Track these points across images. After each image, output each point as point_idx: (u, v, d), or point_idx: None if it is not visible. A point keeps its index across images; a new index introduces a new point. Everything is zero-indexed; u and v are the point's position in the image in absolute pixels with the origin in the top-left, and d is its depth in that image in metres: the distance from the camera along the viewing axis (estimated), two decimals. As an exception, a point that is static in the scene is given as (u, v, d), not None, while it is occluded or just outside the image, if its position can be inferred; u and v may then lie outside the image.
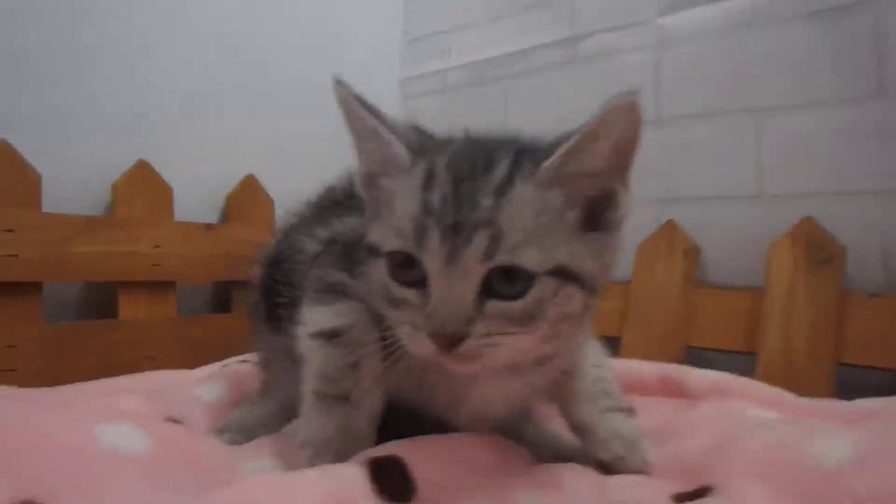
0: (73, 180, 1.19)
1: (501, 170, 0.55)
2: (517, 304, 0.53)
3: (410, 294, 0.55)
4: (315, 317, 0.67)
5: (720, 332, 1.21)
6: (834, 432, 0.65)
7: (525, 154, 0.57)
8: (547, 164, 0.54)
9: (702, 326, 1.24)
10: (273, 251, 0.88)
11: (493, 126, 0.69)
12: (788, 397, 0.89)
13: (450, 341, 0.52)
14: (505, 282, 0.53)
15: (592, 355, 0.74)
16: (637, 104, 0.53)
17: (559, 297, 0.54)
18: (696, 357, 1.23)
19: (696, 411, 0.77)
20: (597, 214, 0.57)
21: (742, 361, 1.17)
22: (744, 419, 0.75)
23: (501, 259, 0.52)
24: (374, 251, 0.59)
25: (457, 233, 0.52)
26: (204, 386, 0.95)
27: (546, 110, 1.49)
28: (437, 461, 0.59)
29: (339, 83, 0.60)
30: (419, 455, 0.58)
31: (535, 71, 1.54)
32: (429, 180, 0.55)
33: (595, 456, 0.67)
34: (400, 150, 0.59)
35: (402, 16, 1.82)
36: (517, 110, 1.56)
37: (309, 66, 1.44)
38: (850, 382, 1.09)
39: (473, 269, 0.52)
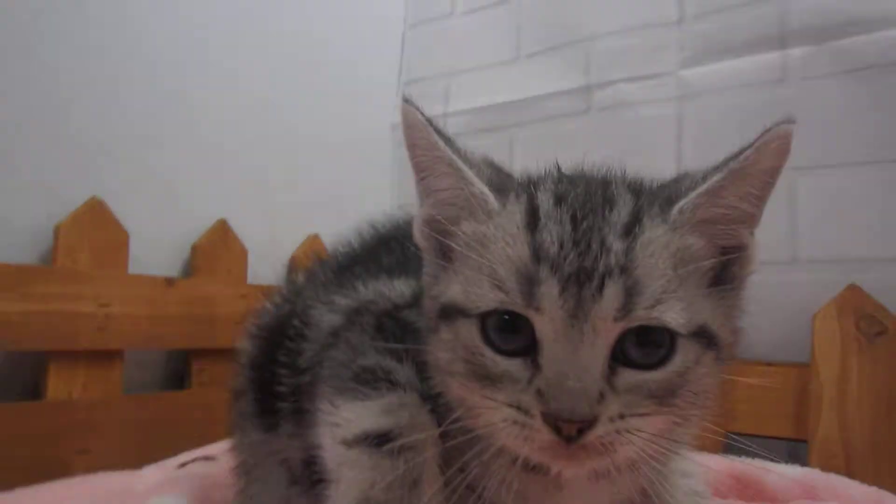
0: (13, 221, 0.95)
1: (626, 207, 0.46)
2: (656, 375, 0.43)
3: (514, 365, 0.43)
4: (350, 415, 0.50)
5: (762, 416, 1.08)
6: None
7: (645, 193, 0.49)
8: (684, 203, 0.46)
9: (741, 409, 1.11)
10: (272, 321, 0.69)
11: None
12: (889, 498, 0.76)
13: (574, 428, 0.40)
14: (640, 346, 0.43)
15: (680, 460, 0.58)
16: (791, 134, 0.46)
17: (701, 367, 0.44)
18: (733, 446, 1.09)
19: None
20: (726, 268, 0.48)
21: (789, 449, 1.05)
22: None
23: (640, 315, 0.42)
24: (453, 313, 0.46)
25: (582, 283, 0.42)
26: (156, 500, 0.74)
27: (555, 161, 1.37)
28: None
29: (407, 102, 0.49)
30: None
31: (545, 120, 1.42)
32: (534, 220, 0.45)
33: None
34: (483, 189, 0.48)
35: (400, 56, 1.66)
36: (524, 161, 1.42)
37: (297, 106, 1.27)
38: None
39: (605, 329, 0.42)
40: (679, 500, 0.56)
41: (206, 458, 0.93)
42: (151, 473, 0.89)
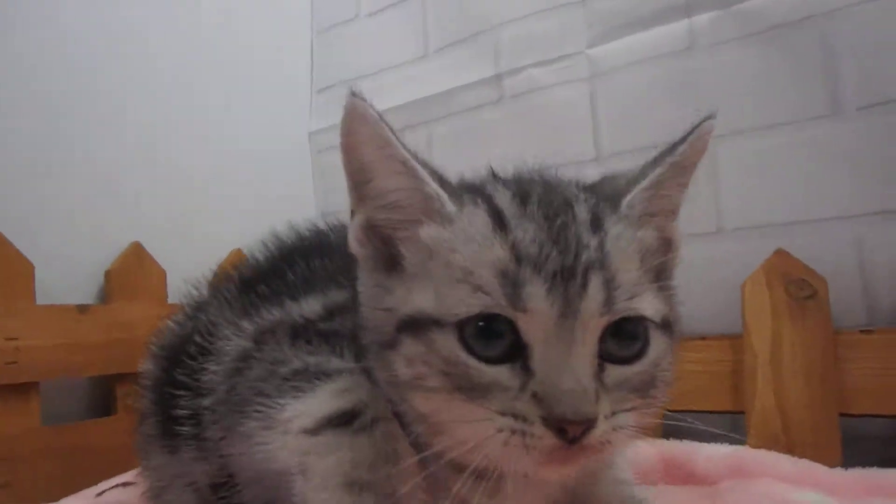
0: None
1: (586, 204, 0.47)
2: (636, 368, 0.44)
3: (502, 373, 0.42)
4: (302, 406, 0.47)
5: (700, 392, 1.05)
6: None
7: (594, 191, 0.50)
8: (630, 197, 0.48)
9: (678, 386, 1.08)
10: (174, 340, 0.67)
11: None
12: (819, 470, 0.74)
13: (580, 429, 0.40)
14: (619, 340, 0.44)
15: None
16: (713, 130, 0.49)
17: (668, 356, 0.46)
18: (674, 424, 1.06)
19: (724, 500, 0.60)
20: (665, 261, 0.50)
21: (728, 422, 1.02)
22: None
23: (621, 308, 0.43)
24: (424, 324, 0.44)
25: (566, 280, 0.42)
26: None
27: (475, 153, 1.35)
28: None
29: (356, 96, 0.47)
30: None
31: (460, 112, 1.40)
32: (501, 221, 0.44)
33: None
34: (439, 190, 0.47)
35: (310, 63, 1.64)
36: (443, 156, 1.41)
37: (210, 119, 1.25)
38: (852, 435, 0.95)
39: (593, 324, 0.42)
40: (604, 491, 0.55)
41: (126, 484, 0.91)
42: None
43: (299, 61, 1.62)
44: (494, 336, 0.42)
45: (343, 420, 0.45)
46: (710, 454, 0.81)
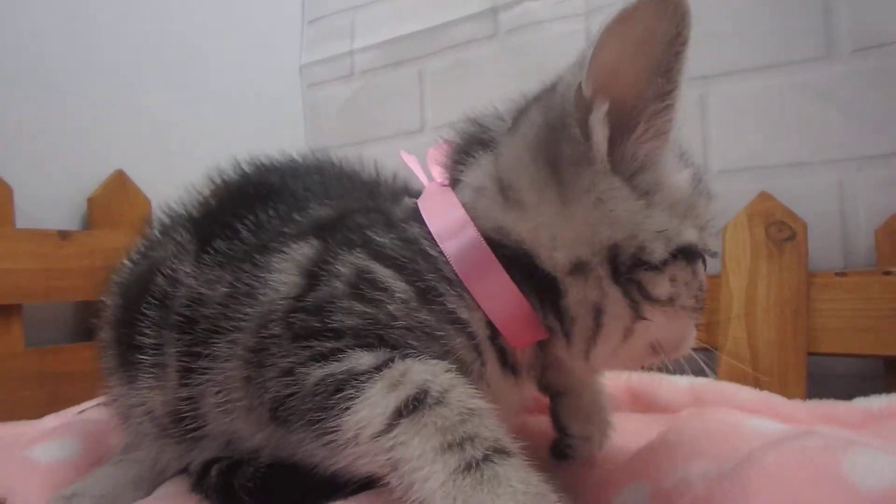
0: None
1: None
2: None
3: None
4: (362, 417, 0.45)
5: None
6: (862, 445, 0.51)
7: None
8: None
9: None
10: (132, 276, 0.66)
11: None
12: (777, 400, 0.76)
13: None
14: None
15: None
16: None
17: None
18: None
19: (682, 428, 0.62)
20: None
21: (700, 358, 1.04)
22: (745, 434, 0.60)
23: None
24: (693, 253, 0.52)
25: None
26: (46, 443, 0.73)
27: (467, 89, 1.33)
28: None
29: None
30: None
31: (453, 47, 1.37)
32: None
33: None
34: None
35: None
36: (435, 91, 1.39)
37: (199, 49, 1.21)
38: (818, 373, 0.98)
39: None
40: (588, 396, 0.68)
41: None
42: (50, 422, 0.88)
43: (290, -6, 1.57)
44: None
45: (412, 406, 0.44)
46: (672, 384, 0.83)
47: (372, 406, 0.44)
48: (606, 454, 0.66)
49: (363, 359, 0.47)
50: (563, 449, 0.66)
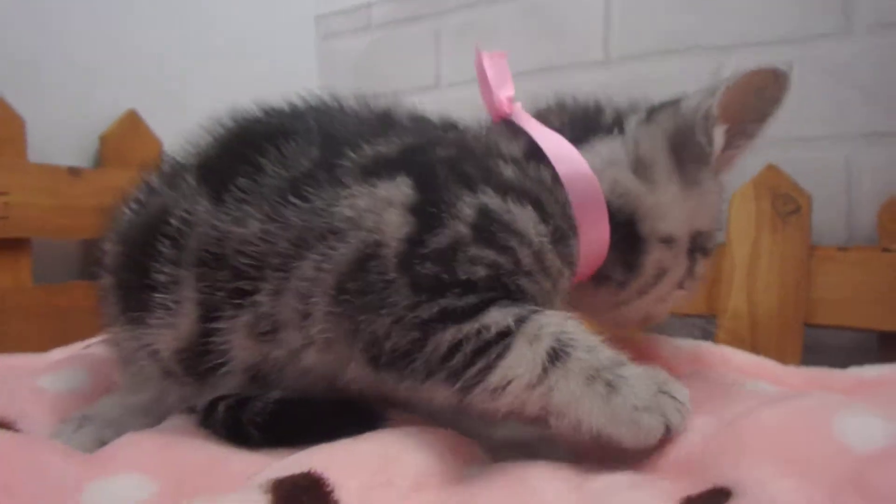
0: None
1: None
2: None
3: None
4: (513, 370, 0.49)
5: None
6: (853, 407, 0.53)
7: None
8: None
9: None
10: (138, 221, 0.65)
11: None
12: (773, 365, 0.78)
13: None
14: None
15: None
16: None
17: None
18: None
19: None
20: None
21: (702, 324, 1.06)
22: (742, 393, 0.62)
23: None
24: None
25: None
26: (54, 374, 0.74)
27: (482, 48, 1.32)
28: (368, 473, 0.41)
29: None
30: (342, 466, 0.40)
31: (470, 6, 1.35)
32: None
33: None
34: None
35: None
36: (451, 50, 1.38)
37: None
38: (814, 345, 1.00)
39: None
40: None
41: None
42: (57, 355, 0.90)
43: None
44: None
45: (554, 356, 0.49)
46: (674, 346, 0.85)
47: (519, 363, 0.48)
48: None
49: (499, 318, 0.49)
50: None
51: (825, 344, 1.03)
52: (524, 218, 0.53)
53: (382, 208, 0.53)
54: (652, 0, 1.16)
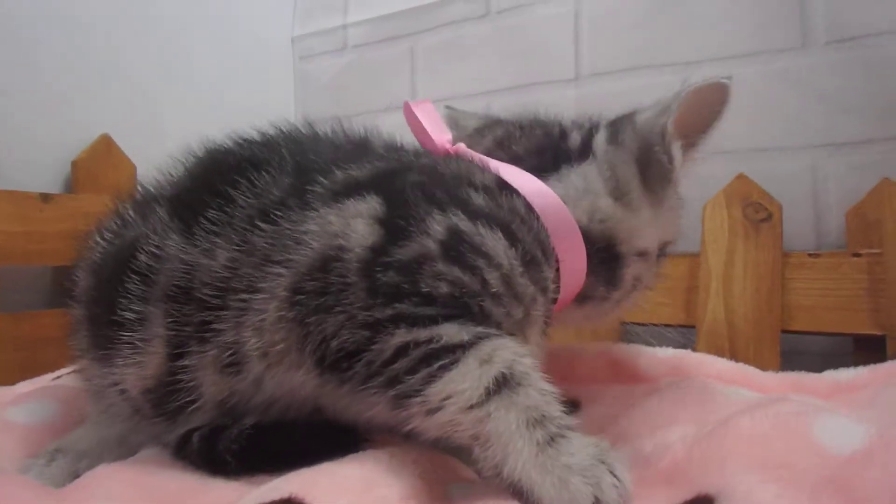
0: None
1: None
2: None
3: None
4: (454, 387, 0.46)
5: (656, 305, 1.09)
6: (832, 412, 0.54)
7: None
8: None
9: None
10: (109, 252, 0.63)
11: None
12: (751, 371, 0.79)
13: None
14: None
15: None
16: None
17: None
18: (629, 333, 1.11)
19: (662, 396, 0.64)
20: None
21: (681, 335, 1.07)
22: (721, 401, 0.62)
23: None
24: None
25: None
26: (20, 406, 0.72)
27: (457, 68, 1.34)
28: (350, 496, 0.41)
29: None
30: (324, 491, 0.40)
31: (445, 26, 1.37)
32: None
33: None
34: None
35: None
36: (426, 69, 1.39)
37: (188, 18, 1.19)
38: (791, 350, 1.02)
39: None
40: None
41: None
42: (24, 387, 0.87)
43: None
44: None
45: (501, 383, 0.46)
46: (652, 355, 0.85)
47: (464, 379, 0.46)
48: (587, 421, 0.68)
49: (453, 331, 0.48)
50: None
51: (802, 349, 1.04)
52: (494, 241, 0.52)
53: (351, 217, 0.52)
54: (620, 19, 1.19)
